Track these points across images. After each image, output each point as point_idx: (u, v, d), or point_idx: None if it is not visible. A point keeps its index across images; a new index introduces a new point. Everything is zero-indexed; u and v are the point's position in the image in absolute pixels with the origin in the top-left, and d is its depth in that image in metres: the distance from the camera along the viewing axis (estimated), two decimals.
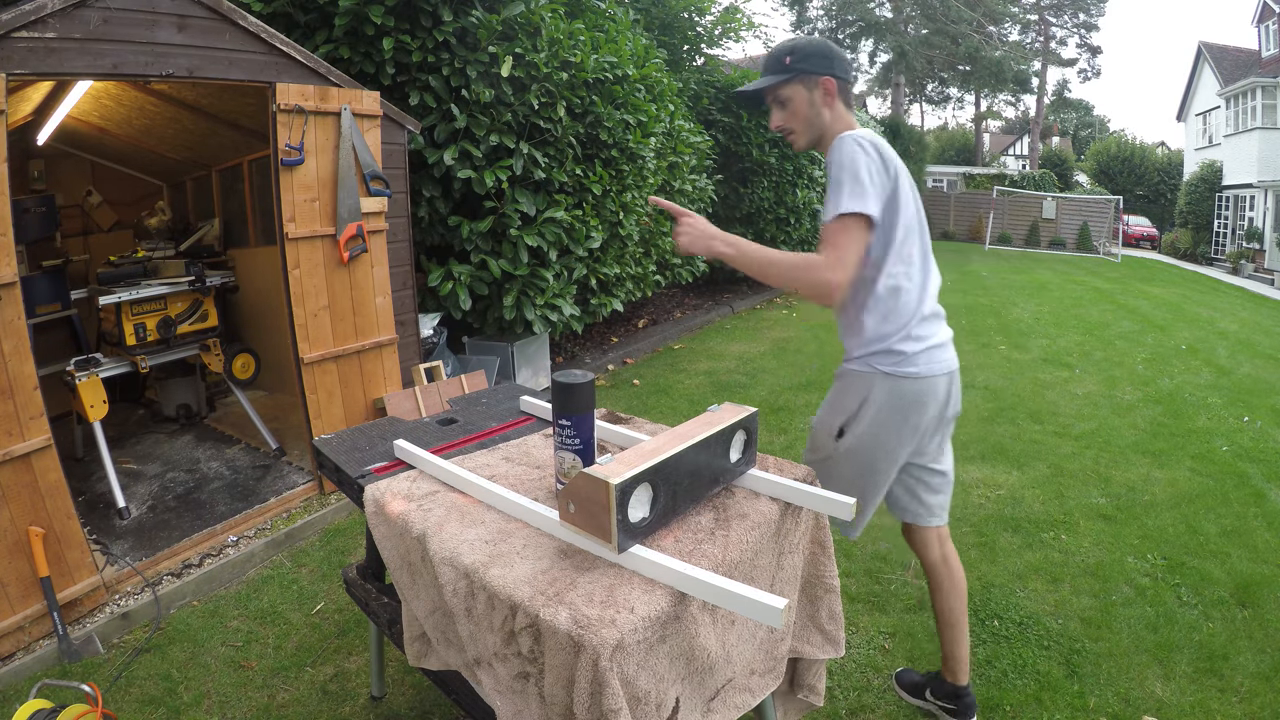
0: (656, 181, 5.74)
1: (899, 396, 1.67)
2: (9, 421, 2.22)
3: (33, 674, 2.17)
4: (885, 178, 1.57)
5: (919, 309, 1.68)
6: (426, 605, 1.29)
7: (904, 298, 1.66)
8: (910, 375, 1.66)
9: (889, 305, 1.66)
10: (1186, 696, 2.06)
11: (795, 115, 1.72)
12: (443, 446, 1.62)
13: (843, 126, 1.69)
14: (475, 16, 4.00)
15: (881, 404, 1.68)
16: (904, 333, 1.66)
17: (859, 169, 1.53)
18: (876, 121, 13.75)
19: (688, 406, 4.70)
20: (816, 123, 1.71)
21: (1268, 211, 16.78)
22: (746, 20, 7.84)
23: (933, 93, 29.36)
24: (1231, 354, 6.61)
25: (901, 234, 1.64)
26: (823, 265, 1.52)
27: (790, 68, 1.68)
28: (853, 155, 1.55)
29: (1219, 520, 3.16)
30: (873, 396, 1.68)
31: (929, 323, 1.70)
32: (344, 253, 3.28)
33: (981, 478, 3.59)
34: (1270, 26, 18.28)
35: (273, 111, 2.97)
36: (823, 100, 1.69)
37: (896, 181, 1.60)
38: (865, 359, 1.70)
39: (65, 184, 4.56)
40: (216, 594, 2.64)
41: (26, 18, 2.20)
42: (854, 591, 2.58)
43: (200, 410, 4.20)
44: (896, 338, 1.66)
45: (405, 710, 2.02)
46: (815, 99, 1.69)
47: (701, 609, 1.09)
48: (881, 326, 1.67)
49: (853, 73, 1.75)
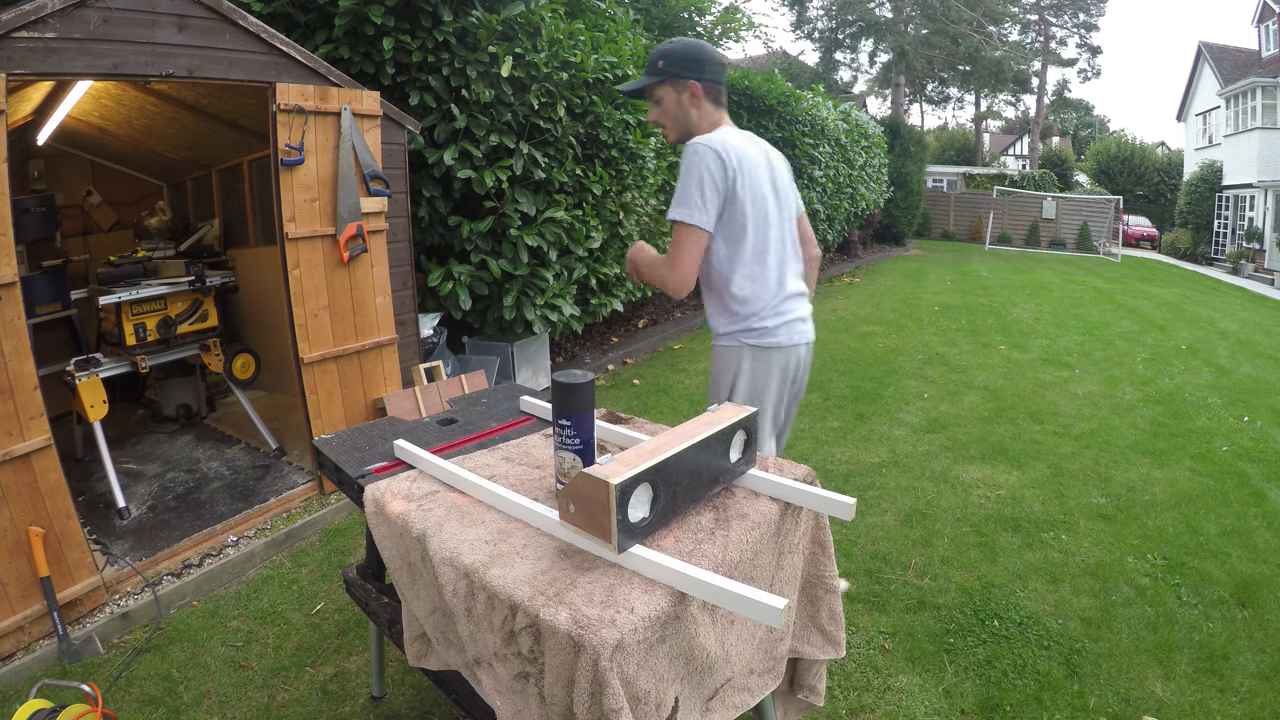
0: (656, 181, 5.74)
1: (766, 364, 1.91)
2: (9, 421, 2.22)
3: (33, 674, 2.17)
4: (723, 186, 1.78)
5: (779, 291, 1.91)
6: (426, 605, 1.29)
7: (762, 285, 1.88)
8: (773, 345, 1.90)
9: (748, 294, 1.88)
10: (1186, 696, 2.06)
11: (666, 113, 1.93)
12: (443, 446, 1.62)
13: (709, 125, 1.90)
14: (475, 16, 4.00)
15: (751, 372, 1.92)
16: (766, 312, 1.89)
17: (692, 182, 1.77)
18: (876, 121, 13.73)
19: (688, 406, 4.70)
20: (684, 121, 1.92)
21: (1268, 211, 16.78)
22: (746, 20, 7.86)
23: (933, 93, 29.35)
24: (1231, 354, 6.61)
25: (751, 235, 1.84)
26: (666, 266, 1.81)
27: (661, 71, 1.89)
28: (692, 165, 1.77)
29: (1219, 520, 3.16)
30: (743, 367, 1.92)
31: (789, 301, 1.93)
32: (344, 253, 3.28)
33: (981, 478, 3.59)
34: (1270, 26, 18.29)
35: (273, 111, 2.97)
36: (690, 101, 1.90)
37: (734, 187, 1.78)
38: (732, 335, 1.92)
39: (65, 184, 4.56)
40: (216, 594, 2.64)
41: (26, 18, 2.20)
42: (854, 591, 2.58)
43: (200, 410, 4.20)
44: (758, 317, 1.89)
45: (405, 710, 2.02)
46: (683, 100, 1.90)
47: (701, 609, 1.09)
48: (744, 310, 1.89)
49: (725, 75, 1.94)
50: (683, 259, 1.78)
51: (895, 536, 3.00)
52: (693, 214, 1.76)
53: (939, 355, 6.14)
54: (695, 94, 1.88)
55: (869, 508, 3.24)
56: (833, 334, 6.95)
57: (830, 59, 25.27)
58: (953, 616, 2.44)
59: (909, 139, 15.45)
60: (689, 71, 1.87)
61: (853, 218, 11.47)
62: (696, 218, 1.76)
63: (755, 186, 1.83)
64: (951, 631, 2.36)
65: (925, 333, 7.07)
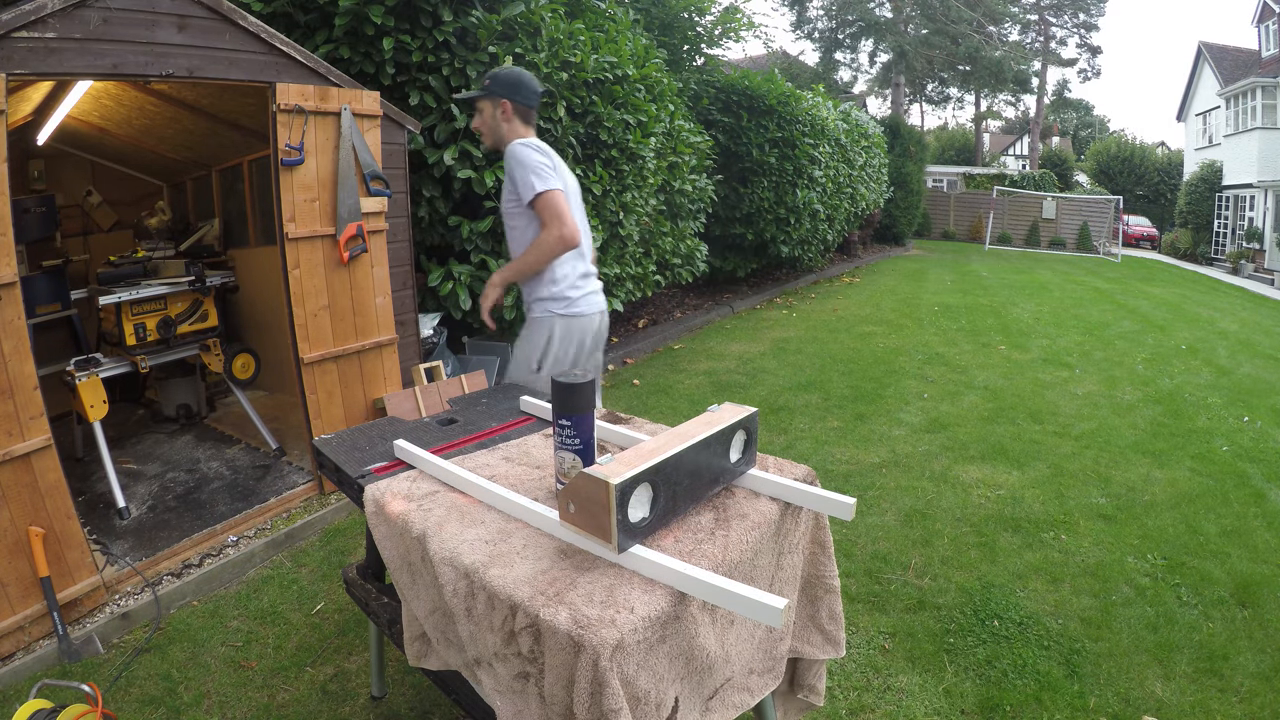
0: (656, 181, 5.74)
1: (571, 330, 2.38)
2: (9, 421, 2.22)
3: (33, 674, 2.17)
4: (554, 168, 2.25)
5: (580, 268, 2.40)
6: (426, 605, 1.29)
7: (571, 264, 2.36)
8: (577, 314, 2.39)
9: (561, 272, 2.34)
10: (1186, 696, 2.06)
11: (484, 122, 2.40)
12: (443, 446, 1.62)
13: (516, 138, 2.33)
14: (475, 16, 4.00)
15: (560, 337, 2.37)
16: (569, 285, 2.36)
17: (538, 165, 2.22)
18: (876, 121, 13.73)
19: (688, 406, 4.70)
20: (497, 131, 2.38)
21: (1268, 211, 16.78)
22: (746, 20, 7.82)
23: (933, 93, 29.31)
24: (1231, 354, 6.61)
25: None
26: (554, 228, 2.20)
27: (486, 88, 2.35)
28: (529, 155, 2.23)
29: (1219, 520, 3.16)
30: (555, 333, 2.37)
31: (586, 278, 2.43)
32: (344, 253, 3.28)
33: (981, 478, 3.59)
34: (1270, 26, 18.29)
35: (273, 111, 2.97)
36: (501, 116, 2.36)
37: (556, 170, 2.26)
38: (544, 305, 2.37)
39: (65, 184, 4.56)
40: (216, 594, 2.64)
41: (26, 18, 2.20)
42: (854, 591, 2.58)
43: (200, 410, 4.20)
44: (564, 288, 2.35)
45: (405, 710, 2.02)
46: (497, 114, 2.36)
47: (701, 609, 1.09)
48: (554, 284, 2.35)
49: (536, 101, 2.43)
50: (566, 214, 2.22)
51: (895, 536, 3.00)
52: (550, 181, 2.21)
53: (939, 355, 6.13)
54: (506, 111, 2.35)
55: (869, 508, 3.24)
56: (833, 334, 6.95)
57: (830, 59, 25.25)
58: (953, 616, 2.44)
59: (909, 139, 15.44)
60: (506, 92, 2.33)
61: (853, 218, 11.46)
62: (553, 183, 2.21)
63: (567, 178, 2.34)
64: (951, 631, 2.36)
65: (925, 333, 7.07)
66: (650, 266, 6.03)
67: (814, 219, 9.30)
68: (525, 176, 2.21)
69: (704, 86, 7.83)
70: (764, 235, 8.49)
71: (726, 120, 7.90)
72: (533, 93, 2.38)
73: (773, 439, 4.13)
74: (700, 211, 7.18)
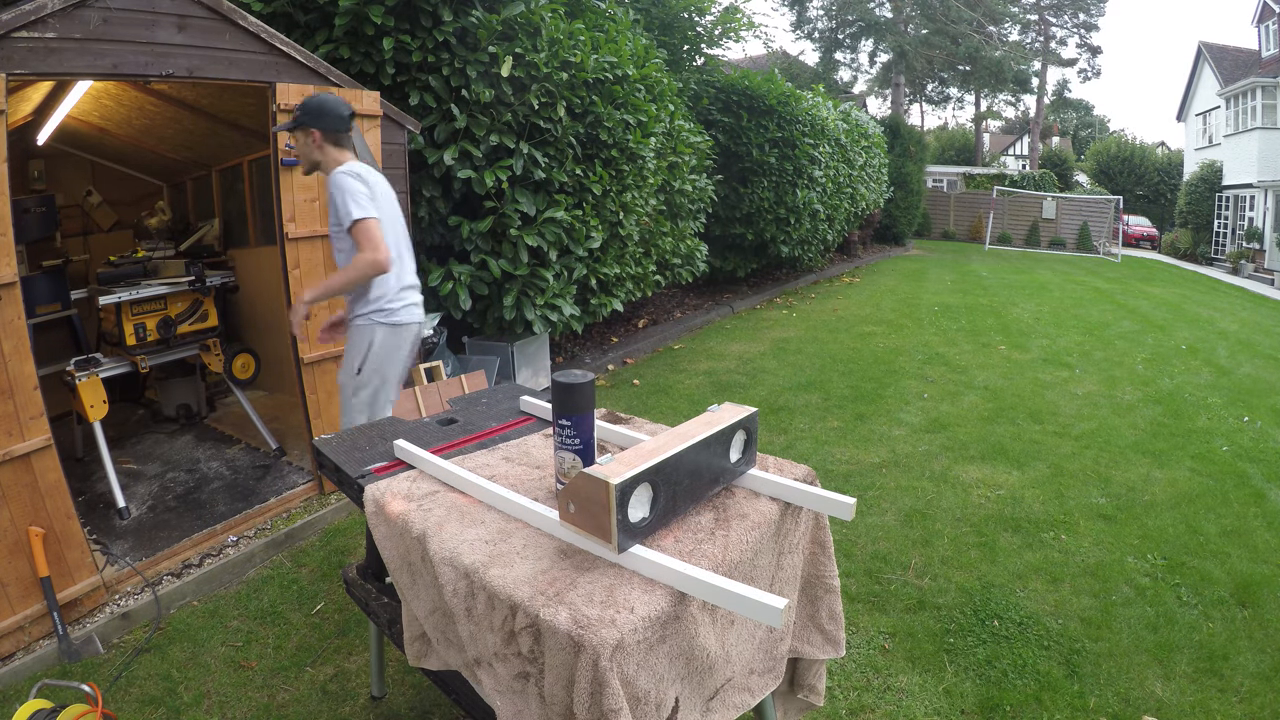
0: (656, 182, 5.74)
1: (391, 337, 2.56)
2: (9, 421, 2.22)
3: (33, 674, 2.17)
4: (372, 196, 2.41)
5: (400, 282, 2.58)
6: (426, 605, 1.29)
7: (391, 279, 2.53)
8: (397, 323, 2.56)
9: (378, 286, 2.51)
10: (1186, 696, 2.06)
11: (300, 150, 2.57)
12: (443, 446, 1.62)
13: (333, 161, 2.49)
14: (475, 16, 4.00)
15: (381, 342, 2.54)
16: (390, 298, 2.54)
17: (356, 192, 2.37)
18: (876, 121, 13.72)
19: (688, 406, 4.70)
20: (312, 157, 2.53)
21: (1268, 211, 16.78)
22: (746, 20, 7.83)
23: (933, 93, 29.30)
24: (1231, 354, 6.61)
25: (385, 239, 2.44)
26: (368, 252, 2.36)
27: (296, 119, 2.50)
28: (349, 183, 2.38)
29: (1219, 520, 3.16)
30: (375, 340, 2.54)
31: (407, 291, 2.62)
32: None
33: (981, 478, 3.59)
34: (1270, 26, 18.28)
35: (273, 111, 2.97)
36: (313, 144, 2.50)
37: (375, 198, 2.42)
38: (366, 315, 2.53)
39: (65, 184, 4.56)
40: (216, 594, 2.64)
41: (26, 18, 2.20)
42: (854, 591, 2.58)
43: (200, 410, 4.20)
44: (385, 300, 2.53)
45: (405, 710, 2.02)
46: (309, 142, 2.50)
47: (701, 609, 1.09)
48: (375, 295, 2.51)
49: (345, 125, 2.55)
50: (379, 241, 2.38)
51: (895, 536, 3.00)
52: (368, 209, 2.37)
53: (939, 355, 6.13)
54: (316, 139, 2.49)
55: (869, 508, 3.24)
56: (833, 334, 6.95)
57: (830, 59, 25.24)
58: (953, 616, 2.44)
59: (909, 139, 15.44)
60: (313, 122, 2.47)
61: (853, 218, 11.45)
62: (371, 210, 2.38)
63: (385, 203, 2.52)
64: (951, 631, 2.36)
65: (925, 333, 7.07)
66: (650, 266, 6.03)
67: (814, 219, 9.30)
68: (345, 203, 2.36)
69: (704, 86, 7.83)
70: (764, 235, 8.49)
71: (726, 120, 7.90)
72: (339, 118, 2.52)
73: (773, 439, 4.13)
74: (700, 211, 7.18)
